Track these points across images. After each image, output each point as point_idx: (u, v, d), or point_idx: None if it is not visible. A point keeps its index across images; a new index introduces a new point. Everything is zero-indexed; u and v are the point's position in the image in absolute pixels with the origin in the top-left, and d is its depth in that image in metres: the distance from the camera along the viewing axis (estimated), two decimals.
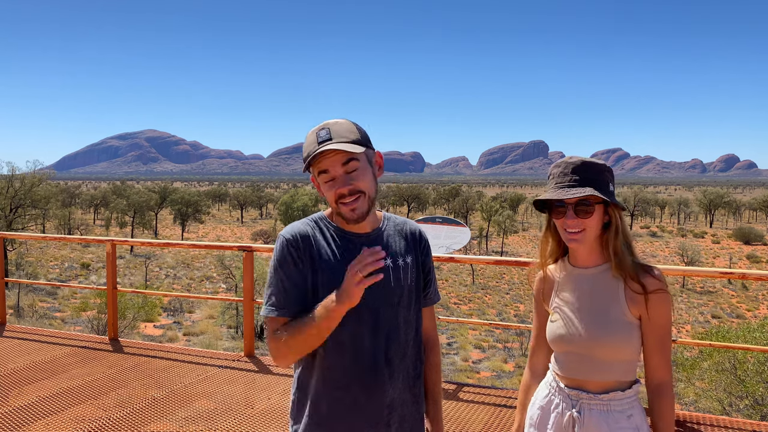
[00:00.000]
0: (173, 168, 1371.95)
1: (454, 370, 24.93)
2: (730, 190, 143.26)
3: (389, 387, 1.79)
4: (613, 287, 1.93)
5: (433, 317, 2.02)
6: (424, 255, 1.95)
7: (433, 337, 2.02)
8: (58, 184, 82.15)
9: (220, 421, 4.36)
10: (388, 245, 1.86)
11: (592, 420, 1.91)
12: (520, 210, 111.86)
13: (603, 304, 1.92)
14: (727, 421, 4.25)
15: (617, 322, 1.88)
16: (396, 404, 1.82)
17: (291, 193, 68.08)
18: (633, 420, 1.91)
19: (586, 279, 1.97)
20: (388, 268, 1.81)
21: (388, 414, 1.80)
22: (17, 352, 5.96)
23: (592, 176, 1.89)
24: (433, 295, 1.98)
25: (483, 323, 5.25)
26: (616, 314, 1.89)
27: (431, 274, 1.97)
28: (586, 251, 1.97)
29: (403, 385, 1.84)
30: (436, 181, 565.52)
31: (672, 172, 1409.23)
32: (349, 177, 1.75)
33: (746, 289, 46.63)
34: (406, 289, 1.84)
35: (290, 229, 1.82)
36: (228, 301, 32.07)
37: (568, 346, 1.94)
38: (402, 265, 1.85)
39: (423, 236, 1.97)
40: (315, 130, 1.78)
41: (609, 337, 1.88)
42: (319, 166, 1.76)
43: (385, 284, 1.79)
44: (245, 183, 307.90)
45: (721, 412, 12.05)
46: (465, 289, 45.64)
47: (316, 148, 1.74)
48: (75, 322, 28.56)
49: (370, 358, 1.77)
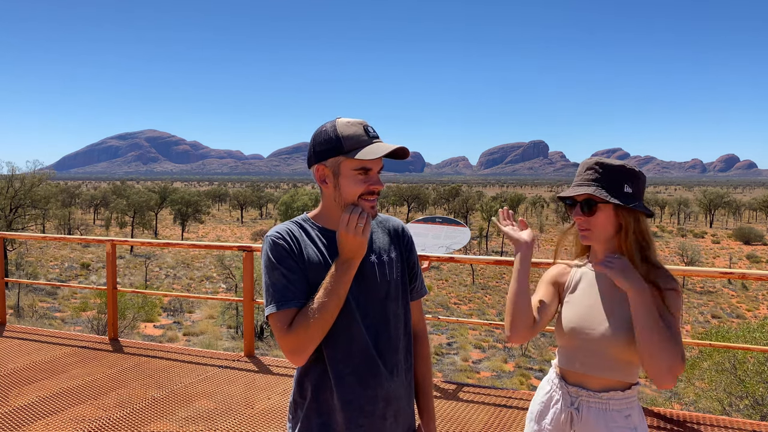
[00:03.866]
0: (173, 168, 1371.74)
1: (454, 370, 24.93)
2: (730, 190, 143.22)
3: (384, 380, 1.82)
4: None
5: (420, 310, 2.06)
6: (408, 250, 1.98)
7: (421, 329, 2.06)
8: (58, 184, 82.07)
9: (220, 421, 4.36)
10: (372, 242, 1.88)
11: (590, 417, 1.93)
12: (520, 210, 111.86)
13: (617, 303, 1.94)
14: (727, 421, 4.25)
15: (628, 322, 1.90)
16: (391, 398, 1.84)
17: (291, 193, 68.02)
18: (631, 420, 1.93)
19: (604, 277, 2.00)
20: (374, 264, 1.85)
21: (384, 407, 1.82)
22: (17, 352, 5.96)
23: (604, 177, 1.92)
24: (419, 288, 2.01)
25: (483, 323, 5.25)
26: (628, 314, 1.91)
27: (416, 269, 2.00)
28: (602, 250, 2.00)
29: (397, 378, 1.86)
30: (436, 181, 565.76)
31: (672, 172, 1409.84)
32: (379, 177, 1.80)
33: (746, 289, 46.63)
34: (392, 283, 1.87)
35: (277, 229, 1.82)
36: (228, 301, 32.06)
37: (579, 339, 1.96)
38: (387, 261, 1.88)
39: (406, 232, 2.00)
40: (357, 122, 1.78)
41: (621, 336, 1.89)
42: (366, 162, 1.76)
43: (371, 280, 1.83)
44: (245, 183, 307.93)
45: (721, 412, 12.05)
46: (465, 289, 45.63)
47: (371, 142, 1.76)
48: (75, 322, 28.56)
49: (363, 352, 1.79)
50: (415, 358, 2.00)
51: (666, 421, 4.25)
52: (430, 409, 2.03)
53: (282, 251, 1.77)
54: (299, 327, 1.70)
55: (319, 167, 1.80)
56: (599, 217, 1.93)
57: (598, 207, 1.93)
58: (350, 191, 1.77)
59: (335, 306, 1.70)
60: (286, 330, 1.72)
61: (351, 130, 1.76)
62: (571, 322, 1.98)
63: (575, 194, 1.93)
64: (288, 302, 1.73)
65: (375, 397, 1.80)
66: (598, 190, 1.90)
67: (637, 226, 1.94)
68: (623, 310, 1.92)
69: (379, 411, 1.81)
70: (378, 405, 1.81)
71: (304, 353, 1.73)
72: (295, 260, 1.77)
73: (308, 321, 1.69)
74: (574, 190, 1.95)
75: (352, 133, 1.76)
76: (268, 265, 1.78)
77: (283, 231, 1.81)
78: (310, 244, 1.81)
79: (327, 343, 1.78)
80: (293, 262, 1.77)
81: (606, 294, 1.98)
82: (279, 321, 1.73)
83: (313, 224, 1.86)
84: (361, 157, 1.73)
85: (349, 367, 1.78)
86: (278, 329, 1.73)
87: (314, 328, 1.69)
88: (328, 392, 1.79)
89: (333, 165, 1.78)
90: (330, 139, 1.77)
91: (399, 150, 1.77)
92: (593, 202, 1.93)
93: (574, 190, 1.94)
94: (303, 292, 1.75)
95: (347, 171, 1.77)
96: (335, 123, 1.79)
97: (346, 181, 1.77)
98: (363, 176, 1.77)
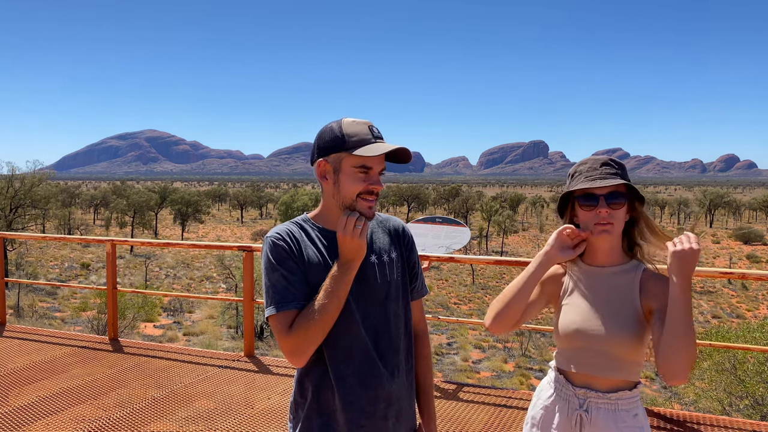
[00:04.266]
0: (173, 168, 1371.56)
1: (454, 370, 24.93)
2: (730, 190, 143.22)
3: (385, 381, 1.82)
4: (629, 287, 1.95)
5: (421, 310, 2.05)
6: (408, 250, 1.97)
7: (422, 329, 2.05)
8: (58, 184, 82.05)
9: (220, 421, 4.36)
10: (373, 242, 1.88)
11: (600, 419, 1.92)
12: (520, 210, 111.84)
13: (620, 302, 1.94)
14: (727, 421, 4.25)
15: (633, 321, 1.90)
16: (393, 398, 1.84)
17: (291, 193, 67.98)
18: (638, 419, 1.94)
19: (604, 278, 1.99)
20: (374, 265, 1.84)
21: (386, 408, 1.82)
22: (17, 352, 5.96)
23: (621, 172, 1.94)
24: (420, 288, 2.01)
25: (483, 323, 5.24)
26: (632, 313, 1.91)
27: (416, 268, 2.00)
28: (607, 249, 1.98)
29: (398, 379, 1.86)
30: (436, 181, 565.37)
31: (672, 172, 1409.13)
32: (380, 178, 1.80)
33: (746, 289, 46.62)
34: (393, 284, 1.87)
35: (277, 230, 1.82)
36: (228, 301, 32.07)
37: (584, 341, 1.95)
38: (387, 261, 1.88)
39: (406, 232, 1.99)
40: (363, 122, 1.80)
41: (626, 335, 1.89)
42: (367, 160, 1.76)
43: (372, 280, 1.83)
44: (245, 183, 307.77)
45: (721, 412, 12.05)
46: (465, 289, 45.62)
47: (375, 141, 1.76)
48: (75, 322, 28.56)
49: (364, 353, 1.79)
50: (415, 359, 2.00)
51: (666, 421, 4.25)
52: (430, 409, 2.02)
53: (282, 252, 1.77)
54: (299, 329, 1.70)
55: (320, 162, 1.81)
56: (622, 212, 1.92)
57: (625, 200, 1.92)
58: (349, 189, 1.77)
59: (335, 308, 1.70)
60: (286, 332, 1.71)
61: (355, 129, 1.77)
62: (574, 324, 1.97)
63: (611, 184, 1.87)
64: (288, 304, 1.73)
65: (376, 397, 1.80)
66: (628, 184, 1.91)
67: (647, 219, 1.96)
68: (626, 309, 1.92)
69: (381, 412, 1.81)
70: (379, 406, 1.81)
71: (304, 355, 1.73)
72: (295, 261, 1.77)
73: (308, 323, 1.69)
74: (605, 181, 1.88)
75: (356, 131, 1.77)
76: (268, 266, 1.77)
77: (283, 232, 1.81)
78: (310, 245, 1.81)
79: (327, 344, 1.77)
80: (293, 263, 1.77)
81: (606, 293, 1.97)
82: (279, 322, 1.73)
83: (313, 225, 1.86)
84: (361, 154, 1.73)
85: (350, 368, 1.78)
86: (278, 331, 1.73)
87: (314, 330, 1.69)
88: (329, 393, 1.79)
89: (334, 161, 1.78)
90: (334, 136, 1.78)
91: (401, 153, 1.78)
92: (622, 195, 1.91)
93: (607, 182, 1.88)
94: (303, 293, 1.74)
95: (348, 168, 1.77)
96: (341, 121, 1.81)
97: (346, 178, 1.77)
98: (363, 175, 1.77)
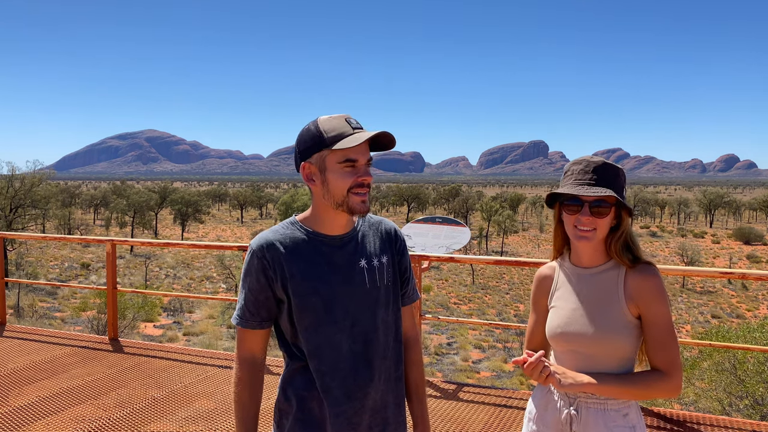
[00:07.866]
0: (173, 168, 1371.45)
1: (454, 370, 24.94)
2: (730, 190, 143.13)
3: (371, 390, 1.76)
4: (613, 287, 1.94)
5: (412, 316, 1.98)
6: (400, 254, 1.91)
7: (413, 335, 1.98)
8: (58, 184, 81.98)
9: (220, 421, 4.36)
10: (363, 245, 1.81)
11: (589, 418, 1.93)
12: (520, 210, 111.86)
13: (604, 303, 1.93)
14: (727, 421, 4.25)
15: (618, 321, 1.90)
16: (378, 407, 1.79)
17: (291, 193, 68.03)
18: (629, 418, 1.94)
19: (588, 278, 1.98)
20: (363, 270, 1.78)
21: (370, 417, 1.77)
22: (17, 352, 5.96)
23: (611, 178, 1.91)
24: (411, 293, 1.94)
25: (483, 323, 5.24)
26: (617, 314, 1.91)
27: (408, 273, 1.93)
28: (590, 251, 1.97)
29: (385, 387, 1.81)
30: (436, 181, 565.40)
31: (672, 172, 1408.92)
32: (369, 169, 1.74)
33: (746, 289, 46.64)
34: (383, 289, 1.81)
35: (258, 240, 1.76)
36: (228, 301, 31.93)
37: (568, 343, 1.95)
38: (377, 266, 1.81)
39: (399, 235, 1.92)
40: (339, 116, 1.72)
41: (610, 336, 1.89)
42: (350, 152, 1.68)
43: (360, 286, 1.76)
44: (245, 183, 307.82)
45: (721, 412, 12.05)
46: (465, 289, 45.63)
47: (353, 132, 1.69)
48: (75, 322, 28.58)
49: (350, 361, 1.74)
50: (407, 365, 1.94)
51: (666, 421, 4.25)
52: (424, 416, 1.95)
53: (251, 268, 1.75)
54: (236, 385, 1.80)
55: (304, 165, 1.74)
56: (606, 220, 1.90)
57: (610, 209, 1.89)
58: (338, 186, 1.70)
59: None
60: (240, 346, 1.81)
61: (332, 123, 1.70)
62: (559, 327, 1.97)
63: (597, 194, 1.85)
64: (245, 321, 1.78)
65: (362, 407, 1.75)
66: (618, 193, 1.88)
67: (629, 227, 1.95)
68: (610, 310, 1.91)
69: (365, 422, 1.77)
70: (364, 416, 1.76)
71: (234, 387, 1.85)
72: (260, 281, 1.74)
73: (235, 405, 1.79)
74: (590, 189, 1.87)
75: (333, 126, 1.70)
76: (242, 274, 1.80)
77: (264, 243, 1.75)
78: (297, 250, 1.75)
79: (313, 354, 1.73)
80: (257, 284, 1.75)
81: (591, 294, 1.96)
82: (238, 332, 1.82)
83: (302, 227, 1.79)
84: (343, 146, 1.66)
85: (336, 379, 1.73)
86: (236, 339, 1.83)
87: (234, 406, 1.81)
88: (314, 403, 1.75)
89: (318, 161, 1.72)
90: (312, 136, 1.71)
91: (384, 138, 1.72)
92: (607, 203, 1.89)
93: (593, 190, 1.87)
94: (258, 315, 1.78)
95: (333, 165, 1.70)
96: (317, 120, 1.74)
97: (333, 176, 1.70)
98: (350, 169, 1.70)
